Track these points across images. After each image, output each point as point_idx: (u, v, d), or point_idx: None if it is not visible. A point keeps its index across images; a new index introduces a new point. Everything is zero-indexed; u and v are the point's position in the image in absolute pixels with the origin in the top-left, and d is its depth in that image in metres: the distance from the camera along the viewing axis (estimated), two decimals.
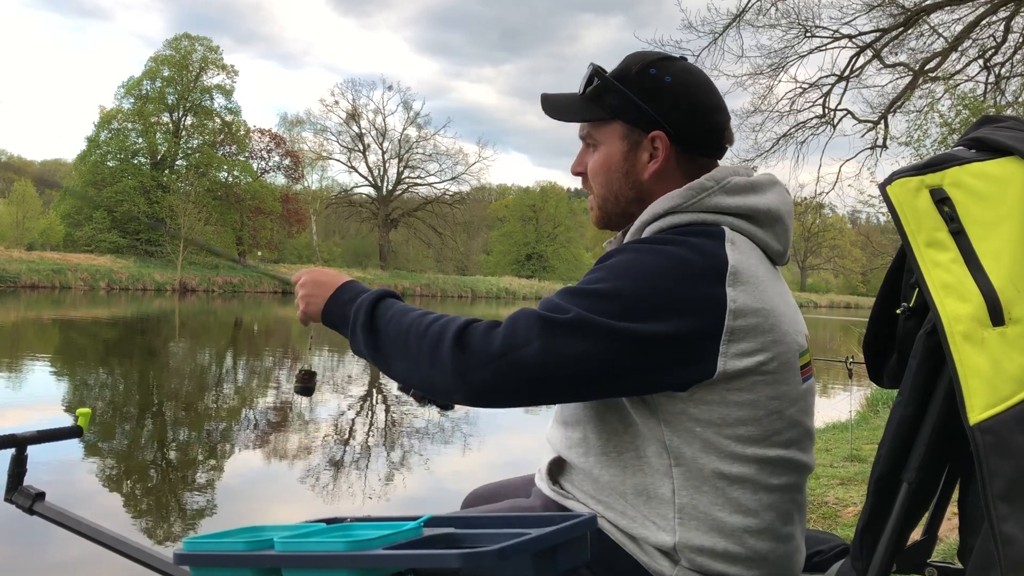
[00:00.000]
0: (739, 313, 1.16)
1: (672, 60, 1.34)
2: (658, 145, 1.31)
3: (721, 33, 12.54)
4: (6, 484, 1.67)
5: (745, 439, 1.19)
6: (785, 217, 1.31)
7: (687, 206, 1.25)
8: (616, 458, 1.24)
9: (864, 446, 6.19)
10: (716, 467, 1.19)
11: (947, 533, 2.96)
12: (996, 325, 0.95)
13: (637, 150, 1.32)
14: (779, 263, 1.32)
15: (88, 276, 38.30)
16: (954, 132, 9.21)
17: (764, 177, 1.33)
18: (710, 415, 1.17)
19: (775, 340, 1.19)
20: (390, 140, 61.45)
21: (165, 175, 49.08)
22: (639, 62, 1.32)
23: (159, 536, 5.19)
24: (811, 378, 1.30)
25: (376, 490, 6.51)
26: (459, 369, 1.16)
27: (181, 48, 50.27)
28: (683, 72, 1.32)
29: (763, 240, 1.27)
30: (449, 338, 1.17)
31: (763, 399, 1.19)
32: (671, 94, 1.30)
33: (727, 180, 1.27)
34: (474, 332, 1.17)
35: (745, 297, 1.17)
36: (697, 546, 1.19)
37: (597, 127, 1.36)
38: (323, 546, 1.03)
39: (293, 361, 15.97)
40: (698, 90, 1.31)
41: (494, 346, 1.14)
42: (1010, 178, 1.01)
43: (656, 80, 1.30)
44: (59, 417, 8.28)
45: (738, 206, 1.25)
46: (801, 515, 1.30)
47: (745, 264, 1.20)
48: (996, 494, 0.90)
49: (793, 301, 1.31)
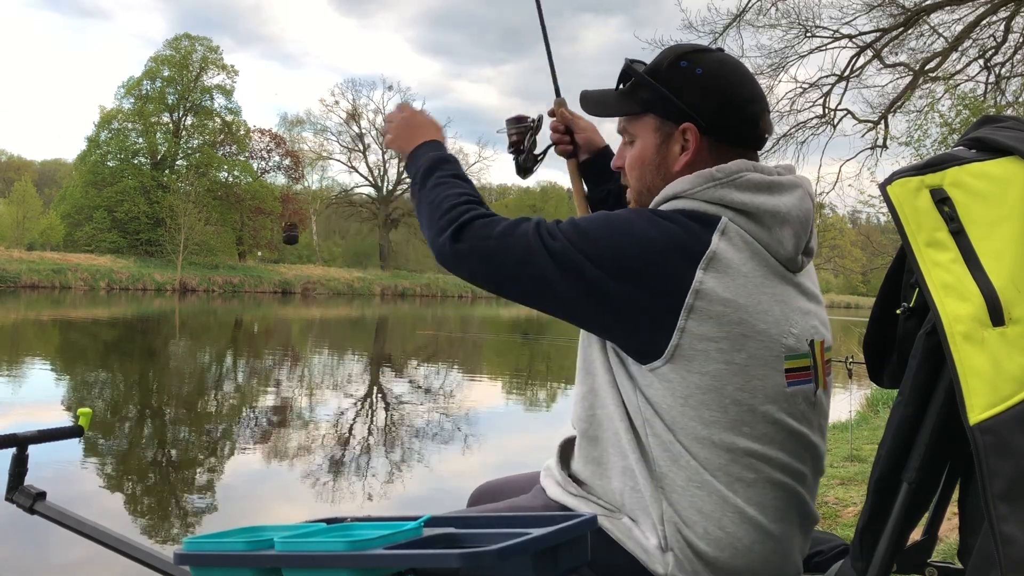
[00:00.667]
0: (704, 295, 1.18)
1: (706, 52, 1.34)
2: (688, 137, 1.31)
3: (721, 33, 12.53)
4: (7, 484, 1.68)
5: (711, 423, 1.20)
6: (795, 223, 1.28)
7: (692, 193, 1.26)
8: (603, 422, 1.28)
9: (864, 446, 6.19)
10: (687, 448, 1.21)
11: (947, 533, 2.96)
12: (996, 325, 0.95)
13: (669, 142, 1.33)
14: (791, 269, 1.28)
15: (88, 276, 38.33)
16: (954, 132, 9.21)
17: (788, 179, 1.31)
18: (673, 391, 1.21)
19: (744, 335, 1.19)
20: None
21: (165, 175, 49.12)
22: (671, 55, 1.33)
23: (159, 536, 5.19)
24: (806, 383, 1.27)
25: (376, 490, 6.51)
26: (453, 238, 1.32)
27: (181, 48, 50.32)
28: (716, 63, 1.32)
29: (764, 241, 1.24)
30: (457, 223, 1.32)
31: (729, 388, 1.20)
32: (701, 86, 1.30)
33: (741, 175, 1.25)
34: (476, 224, 1.32)
35: (716, 284, 1.18)
36: (679, 520, 1.21)
37: (632, 122, 1.38)
38: (323, 546, 1.03)
39: (293, 361, 15.97)
40: (730, 81, 1.31)
41: (493, 230, 1.30)
42: (1010, 178, 1.01)
43: (687, 72, 1.31)
44: (59, 417, 8.28)
45: (743, 203, 1.24)
46: (801, 518, 1.29)
47: (730, 255, 1.20)
48: (996, 494, 0.90)
49: (806, 306, 1.29)
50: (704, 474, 1.20)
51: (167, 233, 44.58)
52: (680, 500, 1.21)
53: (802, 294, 1.29)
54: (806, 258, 1.32)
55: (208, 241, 45.42)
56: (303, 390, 12.04)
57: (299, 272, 51.43)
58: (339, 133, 61.57)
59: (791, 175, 1.33)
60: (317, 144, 60.81)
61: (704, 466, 1.20)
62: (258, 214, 51.23)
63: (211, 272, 44.73)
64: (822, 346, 1.31)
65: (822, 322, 1.33)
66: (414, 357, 18.38)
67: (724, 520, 1.20)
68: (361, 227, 63.80)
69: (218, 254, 46.59)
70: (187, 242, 43.66)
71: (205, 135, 51.37)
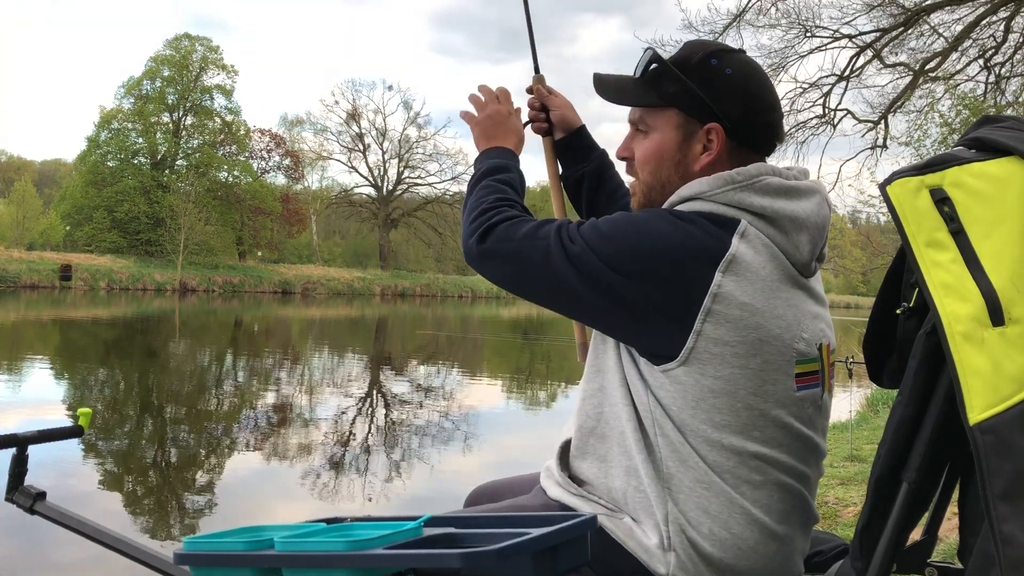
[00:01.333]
0: (722, 299, 1.17)
1: (733, 52, 1.31)
2: (713, 138, 1.29)
3: (721, 33, 12.53)
4: (7, 484, 1.68)
5: (721, 426, 1.19)
6: (812, 229, 1.27)
7: (710, 195, 1.24)
8: (613, 424, 1.27)
9: (864, 446, 6.19)
10: (697, 449, 1.20)
11: (947, 533, 2.96)
12: (996, 325, 0.95)
13: (691, 140, 1.30)
14: (805, 274, 1.27)
15: (88, 276, 38.32)
16: (954, 132, 9.20)
17: (806, 184, 1.29)
18: (685, 394, 1.20)
19: (760, 339, 1.19)
20: (390, 140, 61.60)
21: (165, 175, 49.11)
22: (700, 51, 1.30)
23: (159, 536, 5.19)
24: (815, 387, 1.27)
25: (376, 490, 6.51)
26: (479, 239, 1.33)
27: (181, 48, 50.32)
28: (743, 65, 1.30)
29: (782, 246, 1.24)
30: (485, 226, 1.33)
31: (742, 392, 1.19)
32: (730, 86, 1.27)
33: (760, 179, 1.24)
34: (502, 226, 1.32)
35: (735, 288, 1.17)
36: (684, 522, 1.20)
37: (651, 113, 1.34)
38: (323, 546, 1.03)
39: (293, 361, 15.97)
40: (757, 85, 1.29)
41: (517, 232, 1.30)
42: (1010, 178, 1.01)
43: (717, 71, 1.28)
44: (59, 417, 8.29)
45: (762, 207, 1.23)
46: (803, 519, 1.29)
47: (749, 258, 1.19)
48: (996, 494, 0.90)
49: (815, 310, 1.28)
50: (712, 476, 1.20)
51: (167, 233, 44.59)
52: (686, 501, 1.21)
53: (812, 298, 1.29)
54: (818, 263, 1.32)
55: (208, 241, 45.44)
56: (303, 390, 12.04)
57: (299, 272, 51.46)
58: (339, 133, 61.67)
59: (808, 180, 1.32)
60: (317, 144, 60.90)
61: (713, 468, 1.20)
62: (258, 214, 51.23)
63: (211, 272, 44.73)
64: (828, 349, 1.31)
65: (828, 324, 1.33)
66: (414, 357, 18.38)
67: (730, 521, 1.20)
68: (361, 227, 63.79)
69: (218, 254, 46.61)
70: (187, 242, 43.68)
71: (205, 135, 51.37)
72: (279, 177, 55.92)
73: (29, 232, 44.77)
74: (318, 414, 9.83)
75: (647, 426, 1.23)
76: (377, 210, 60.70)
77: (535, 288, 1.30)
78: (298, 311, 35.85)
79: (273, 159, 55.61)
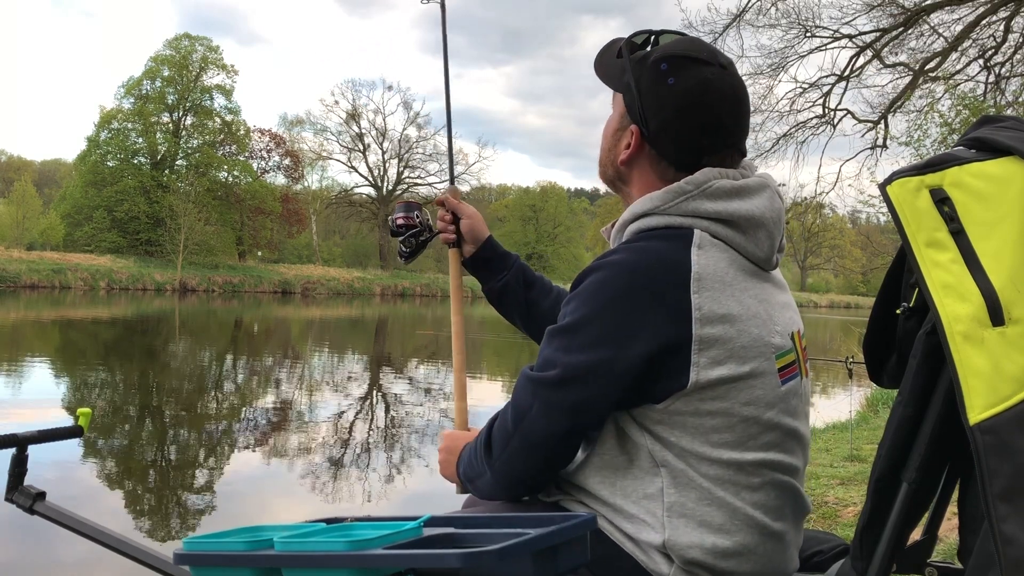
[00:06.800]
0: (706, 320, 1.17)
1: (698, 65, 1.25)
2: (631, 139, 1.31)
3: (721, 33, 12.55)
4: (7, 484, 1.68)
5: (720, 445, 1.20)
6: (769, 224, 1.27)
7: (664, 209, 1.24)
8: (609, 461, 1.25)
9: (864, 446, 6.18)
10: (698, 470, 1.20)
11: (947, 533, 2.96)
12: (996, 325, 0.95)
13: (623, 132, 1.34)
14: (765, 268, 1.28)
15: (88, 276, 38.30)
16: (954, 132, 9.21)
17: (755, 181, 1.29)
18: (684, 425, 1.19)
19: (744, 345, 1.19)
20: (390, 140, 61.57)
21: (165, 175, 49.08)
22: (662, 52, 1.27)
23: (159, 536, 5.19)
24: (795, 378, 1.28)
25: (376, 490, 6.51)
26: (490, 462, 1.30)
27: (181, 48, 50.27)
28: (697, 83, 1.24)
29: (742, 246, 1.24)
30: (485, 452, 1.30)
31: (736, 406, 1.20)
32: (661, 96, 1.25)
33: (709, 184, 1.24)
34: (493, 440, 1.29)
35: (710, 303, 1.17)
36: (686, 543, 1.19)
37: (614, 93, 1.37)
38: (323, 546, 1.03)
39: (293, 361, 15.97)
40: (698, 105, 1.24)
41: (508, 421, 1.25)
42: (1010, 178, 1.01)
43: (660, 77, 1.25)
44: (59, 417, 8.28)
45: (717, 211, 1.23)
46: (795, 511, 1.30)
47: (711, 268, 1.19)
48: (996, 494, 0.90)
49: (782, 299, 1.30)
50: (715, 491, 1.20)
51: (167, 233, 44.56)
52: (688, 522, 1.20)
53: (777, 288, 1.31)
54: (779, 255, 1.33)
55: (208, 241, 45.41)
56: (303, 390, 12.04)
57: (299, 272, 51.40)
58: (339, 133, 61.63)
59: (756, 176, 1.31)
60: (317, 144, 60.87)
61: (714, 484, 1.20)
62: (258, 214, 51.19)
63: (211, 272, 44.68)
64: (799, 335, 1.32)
65: (795, 310, 1.35)
66: (414, 357, 18.38)
67: (732, 529, 1.21)
68: (361, 227, 63.75)
69: (218, 254, 46.57)
70: (187, 242, 43.66)
71: (205, 135, 51.31)
72: (279, 177, 55.93)
73: (29, 232, 44.72)
74: (318, 414, 9.83)
75: (644, 464, 1.22)
76: (377, 210, 60.66)
77: (565, 445, 1.24)
78: (298, 311, 35.84)
79: (273, 159, 55.61)
